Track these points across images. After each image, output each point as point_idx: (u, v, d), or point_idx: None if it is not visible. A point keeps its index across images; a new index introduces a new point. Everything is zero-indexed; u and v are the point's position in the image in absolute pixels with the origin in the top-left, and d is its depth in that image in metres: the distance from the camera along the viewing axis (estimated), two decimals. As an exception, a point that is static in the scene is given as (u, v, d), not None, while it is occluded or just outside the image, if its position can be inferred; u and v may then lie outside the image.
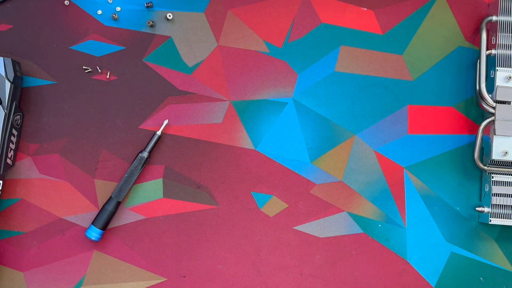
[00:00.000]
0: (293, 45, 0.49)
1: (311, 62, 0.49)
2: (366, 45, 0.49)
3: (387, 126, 0.48)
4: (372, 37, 0.49)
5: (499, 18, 0.47)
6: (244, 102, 0.48)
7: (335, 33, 0.49)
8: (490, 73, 0.47)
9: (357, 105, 0.48)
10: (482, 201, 0.48)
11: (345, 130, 0.48)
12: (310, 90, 0.48)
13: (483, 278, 0.48)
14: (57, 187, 0.48)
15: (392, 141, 0.42)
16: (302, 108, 0.48)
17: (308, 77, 0.48)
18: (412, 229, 0.48)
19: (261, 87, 0.48)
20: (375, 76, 0.49)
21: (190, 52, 0.49)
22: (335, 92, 0.48)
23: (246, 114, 0.48)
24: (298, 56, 0.48)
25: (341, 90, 0.48)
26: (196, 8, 0.49)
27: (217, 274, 0.48)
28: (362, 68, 0.49)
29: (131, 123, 0.48)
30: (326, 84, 0.48)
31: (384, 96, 0.48)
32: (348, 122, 0.48)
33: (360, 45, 0.49)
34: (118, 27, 0.48)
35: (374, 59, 0.49)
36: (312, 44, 0.48)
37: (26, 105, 0.48)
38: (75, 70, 0.48)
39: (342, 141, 0.48)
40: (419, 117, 0.48)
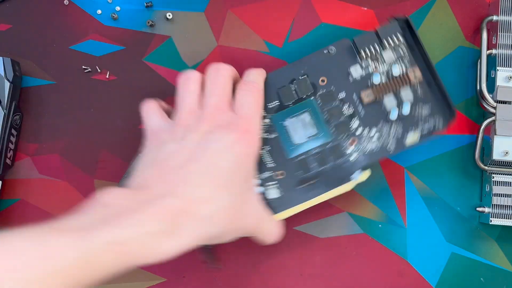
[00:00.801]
0: (293, 45, 0.49)
1: (311, 62, 0.48)
2: (367, 45, 0.48)
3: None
4: (372, 37, 0.49)
5: (500, 18, 0.46)
6: (244, 102, 0.48)
7: (335, 33, 0.49)
8: (490, 73, 0.47)
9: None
10: (483, 201, 0.48)
11: (345, 130, 0.48)
12: (310, 90, 0.48)
13: (483, 278, 0.48)
14: (57, 187, 0.48)
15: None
16: (302, 108, 0.48)
17: (308, 77, 0.48)
18: (412, 229, 0.48)
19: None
20: (375, 76, 0.48)
21: (190, 52, 0.49)
22: (335, 92, 0.48)
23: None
24: (298, 56, 0.48)
25: (341, 90, 0.48)
26: (196, 8, 0.49)
27: (217, 275, 0.47)
28: (362, 68, 0.48)
29: (131, 123, 0.48)
30: (326, 84, 0.48)
31: (384, 96, 0.48)
32: (348, 122, 0.48)
33: (360, 45, 0.48)
34: (118, 27, 0.48)
35: (374, 59, 0.48)
36: (312, 44, 0.48)
37: (26, 105, 0.48)
38: (74, 70, 0.48)
39: (342, 141, 0.48)
40: (420, 117, 0.48)
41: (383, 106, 0.42)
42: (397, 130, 0.42)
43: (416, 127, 0.42)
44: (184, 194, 0.35)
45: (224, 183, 0.36)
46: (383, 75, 0.42)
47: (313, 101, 0.43)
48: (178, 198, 0.34)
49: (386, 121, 0.42)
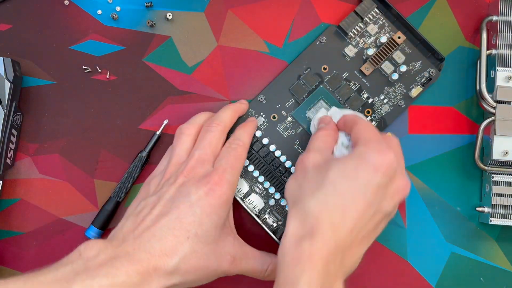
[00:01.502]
0: (293, 45, 0.49)
1: (311, 62, 0.48)
2: (366, 45, 0.49)
3: (387, 126, 0.48)
4: (372, 37, 0.49)
5: (500, 18, 0.46)
6: (244, 102, 0.48)
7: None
8: (490, 73, 0.47)
9: (357, 105, 0.48)
10: (483, 201, 0.48)
11: (345, 130, 0.48)
12: (310, 90, 0.48)
13: (483, 278, 0.48)
14: (57, 187, 0.48)
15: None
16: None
17: (308, 77, 0.48)
18: (412, 229, 0.48)
19: (261, 87, 0.48)
20: (375, 76, 0.48)
21: (190, 52, 0.49)
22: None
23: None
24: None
25: (341, 90, 0.48)
26: (196, 8, 0.49)
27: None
28: (362, 68, 0.48)
29: (131, 123, 0.48)
30: (326, 84, 0.48)
31: (384, 96, 0.48)
32: (348, 122, 0.48)
33: (360, 45, 0.49)
34: (118, 27, 0.48)
35: (374, 59, 0.48)
36: (310, 43, 0.48)
37: (26, 105, 0.48)
38: (75, 70, 0.48)
39: (342, 141, 0.48)
40: (419, 117, 0.48)
41: (382, 72, 0.47)
42: (401, 88, 0.47)
43: (415, 81, 0.47)
44: (152, 249, 0.37)
45: (188, 235, 0.38)
46: (373, 47, 0.48)
47: (323, 88, 0.47)
48: (146, 252, 0.37)
49: (389, 84, 0.47)
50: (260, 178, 0.46)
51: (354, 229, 0.36)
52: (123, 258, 0.37)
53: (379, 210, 0.37)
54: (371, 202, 0.36)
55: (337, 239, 0.35)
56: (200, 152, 0.42)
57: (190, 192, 0.39)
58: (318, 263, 0.35)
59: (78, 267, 0.36)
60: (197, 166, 0.41)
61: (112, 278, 0.35)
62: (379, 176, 0.36)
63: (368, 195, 0.36)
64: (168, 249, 0.38)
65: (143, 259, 0.37)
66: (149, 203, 0.40)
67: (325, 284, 0.35)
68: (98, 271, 0.35)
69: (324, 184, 0.37)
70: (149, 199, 0.41)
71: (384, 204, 0.37)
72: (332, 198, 0.36)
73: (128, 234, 0.39)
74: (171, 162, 0.42)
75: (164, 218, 0.39)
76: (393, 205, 0.38)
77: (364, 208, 0.36)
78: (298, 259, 0.35)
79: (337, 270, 0.36)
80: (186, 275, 0.38)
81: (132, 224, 0.39)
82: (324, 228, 0.35)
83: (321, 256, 0.35)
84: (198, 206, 0.39)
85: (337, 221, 0.36)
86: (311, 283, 0.34)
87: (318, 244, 0.35)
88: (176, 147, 0.43)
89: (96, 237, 0.46)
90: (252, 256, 0.42)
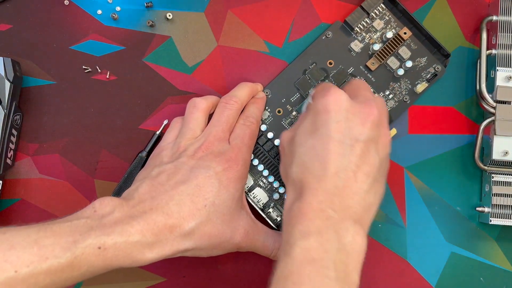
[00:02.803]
0: (293, 45, 0.49)
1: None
2: (366, 45, 0.49)
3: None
4: (372, 37, 0.49)
5: (500, 18, 0.46)
6: (244, 102, 0.48)
7: (335, 33, 0.49)
8: (490, 73, 0.47)
9: (357, 105, 0.48)
10: (483, 201, 0.48)
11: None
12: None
13: (483, 278, 0.48)
14: (57, 187, 0.48)
15: (392, 141, 0.42)
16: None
17: (308, 77, 0.48)
18: (412, 229, 0.48)
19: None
20: (375, 76, 0.48)
21: (190, 52, 0.49)
22: (335, 92, 0.48)
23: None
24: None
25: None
26: (196, 8, 0.49)
27: (217, 274, 0.48)
28: (362, 68, 0.48)
29: (131, 123, 0.48)
30: (326, 84, 0.48)
31: (384, 96, 0.48)
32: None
33: (360, 45, 0.49)
34: (118, 27, 0.48)
35: (374, 59, 0.48)
36: (316, 38, 0.48)
37: (26, 105, 0.48)
38: (75, 70, 0.48)
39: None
40: (419, 117, 0.48)
41: (388, 67, 0.47)
42: (407, 84, 0.47)
43: (421, 77, 0.47)
44: (170, 211, 0.38)
45: (206, 202, 0.39)
46: (379, 42, 0.48)
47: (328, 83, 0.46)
48: (164, 214, 0.38)
49: (395, 80, 0.47)
50: (265, 172, 0.46)
51: (339, 171, 0.36)
52: (139, 217, 0.37)
53: (354, 139, 0.37)
54: (339, 138, 0.37)
55: (325, 187, 0.36)
56: (218, 129, 0.43)
57: (209, 165, 0.40)
58: (309, 214, 0.35)
59: (92, 222, 0.36)
60: (215, 143, 0.42)
61: (127, 237, 0.36)
62: (332, 114, 0.37)
63: (333, 134, 0.37)
64: (186, 212, 0.38)
65: (159, 220, 0.37)
66: (166, 169, 0.41)
67: (328, 227, 0.35)
68: (113, 228, 0.36)
69: (295, 150, 0.39)
70: (165, 166, 0.41)
71: (354, 132, 0.37)
72: (305, 156, 0.37)
73: (145, 195, 0.39)
74: (185, 136, 0.43)
75: (183, 185, 0.39)
76: (367, 128, 0.37)
77: (336, 147, 0.37)
78: (289, 219, 0.36)
79: (342, 212, 0.36)
80: (199, 241, 0.39)
81: (149, 187, 0.40)
82: (308, 184, 0.36)
83: (311, 208, 0.35)
84: (216, 179, 0.40)
85: (318, 173, 0.36)
86: (307, 231, 0.35)
87: (306, 199, 0.36)
88: (189, 122, 0.44)
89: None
90: (264, 232, 0.43)
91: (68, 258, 0.34)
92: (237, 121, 0.44)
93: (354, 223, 0.36)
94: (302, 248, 0.34)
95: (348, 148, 0.37)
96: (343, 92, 0.39)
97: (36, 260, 0.33)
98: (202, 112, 0.44)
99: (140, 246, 0.37)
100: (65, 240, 0.35)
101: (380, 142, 0.39)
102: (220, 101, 0.45)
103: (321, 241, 0.34)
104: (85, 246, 0.35)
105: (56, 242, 0.34)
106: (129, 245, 0.36)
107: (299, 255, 0.34)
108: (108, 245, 0.35)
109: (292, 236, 0.35)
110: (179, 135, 0.44)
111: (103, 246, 0.35)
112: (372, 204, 0.38)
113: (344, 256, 0.35)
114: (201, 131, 0.43)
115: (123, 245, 0.36)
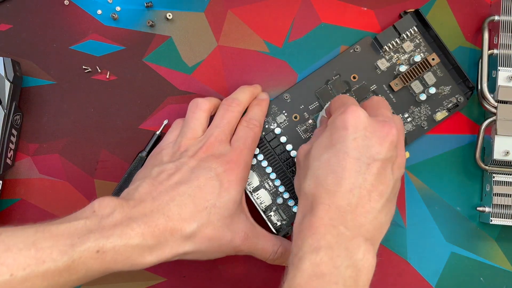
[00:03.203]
0: (293, 45, 0.48)
1: (311, 62, 0.48)
2: (367, 44, 0.48)
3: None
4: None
5: (502, 18, 0.46)
6: (244, 102, 0.48)
7: (335, 33, 0.48)
8: (491, 73, 0.47)
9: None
10: (483, 201, 0.48)
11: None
12: (310, 90, 0.48)
13: (483, 278, 0.48)
14: (57, 187, 0.48)
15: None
16: (302, 108, 0.48)
17: (308, 77, 0.48)
18: (412, 229, 0.48)
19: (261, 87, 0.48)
20: (375, 76, 0.48)
21: (190, 52, 0.48)
22: (335, 92, 0.48)
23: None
24: (298, 56, 0.48)
25: (341, 90, 0.48)
26: (196, 8, 0.49)
27: (217, 274, 0.48)
28: (363, 68, 0.48)
29: (131, 123, 0.48)
30: (326, 84, 0.48)
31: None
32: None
33: (360, 44, 0.48)
34: (118, 27, 0.48)
35: (374, 59, 0.48)
36: (312, 44, 0.48)
37: (26, 105, 0.48)
38: (75, 70, 0.48)
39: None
40: (420, 118, 0.48)
41: (411, 90, 0.47)
42: (427, 110, 0.47)
43: (442, 105, 0.47)
44: (170, 213, 0.38)
45: (207, 204, 0.39)
46: (406, 64, 0.47)
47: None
48: (164, 216, 0.37)
49: (416, 104, 0.47)
50: (272, 175, 0.46)
51: (353, 188, 0.36)
52: (140, 219, 0.36)
53: (371, 158, 0.37)
54: (356, 156, 0.37)
55: (338, 203, 0.36)
56: (219, 130, 0.42)
57: (211, 167, 0.40)
58: (321, 229, 0.35)
59: (91, 224, 0.35)
60: (216, 144, 0.42)
61: (126, 240, 0.35)
62: (350, 131, 0.37)
63: (350, 151, 0.37)
64: (187, 214, 0.38)
65: (160, 222, 0.37)
66: (166, 169, 0.40)
67: (339, 243, 0.35)
68: (113, 231, 0.35)
69: (310, 164, 0.38)
70: (166, 166, 0.41)
71: (372, 151, 0.37)
72: (320, 171, 0.37)
73: (146, 195, 0.38)
74: (186, 136, 0.43)
75: (184, 186, 0.39)
76: (385, 148, 0.37)
77: (352, 164, 0.36)
78: (299, 232, 0.36)
79: (354, 230, 0.35)
80: (199, 244, 0.39)
81: (149, 186, 0.39)
82: (321, 199, 0.36)
83: (323, 223, 0.35)
84: (218, 180, 0.40)
85: (332, 188, 0.36)
86: (317, 246, 0.34)
87: (318, 214, 0.35)
88: (190, 122, 0.43)
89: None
90: (263, 236, 0.43)
91: (65, 261, 0.34)
92: (240, 123, 0.44)
93: (366, 241, 0.35)
94: (312, 262, 0.34)
95: (364, 166, 0.36)
96: (363, 110, 0.38)
97: (33, 263, 0.33)
98: (204, 112, 0.44)
99: (140, 249, 0.36)
100: (63, 242, 0.34)
101: (396, 163, 0.39)
102: (222, 103, 0.44)
103: (331, 256, 0.34)
104: (83, 250, 0.34)
105: (54, 244, 0.34)
106: (128, 248, 0.35)
107: (308, 268, 0.34)
108: (107, 248, 0.35)
109: (302, 250, 0.35)
110: (180, 134, 0.43)
111: (101, 250, 0.34)
112: (384, 223, 0.38)
113: (354, 273, 0.34)
114: (203, 132, 0.43)
115: (123, 249, 0.35)
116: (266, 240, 0.43)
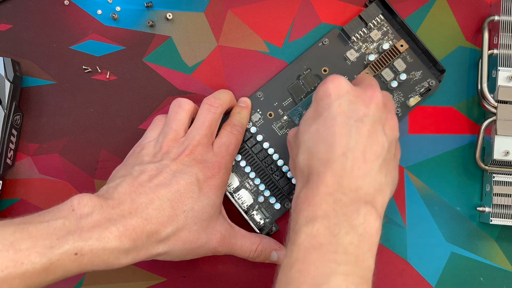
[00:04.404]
0: (293, 45, 0.48)
1: (311, 62, 0.48)
2: (367, 44, 0.48)
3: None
4: (372, 36, 0.49)
5: (502, 18, 0.46)
6: (244, 102, 0.48)
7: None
8: (491, 73, 0.47)
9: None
10: (483, 201, 0.48)
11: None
12: (310, 90, 0.48)
13: (483, 278, 0.48)
14: (57, 187, 0.48)
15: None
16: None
17: (308, 77, 0.48)
18: (412, 229, 0.48)
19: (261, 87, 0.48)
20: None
21: (190, 52, 0.48)
22: (335, 92, 0.48)
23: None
24: (298, 56, 0.48)
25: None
26: (196, 8, 0.49)
27: (217, 274, 0.48)
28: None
29: (131, 123, 0.48)
30: (326, 84, 0.48)
31: (384, 96, 0.48)
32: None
33: (360, 44, 0.48)
34: (118, 27, 0.48)
35: (374, 59, 0.48)
36: (312, 44, 0.48)
37: (26, 105, 0.48)
38: (75, 70, 0.48)
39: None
40: (419, 117, 0.48)
41: (382, 79, 0.47)
42: (400, 96, 0.47)
43: (414, 90, 0.47)
44: (148, 216, 0.38)
45: (185, 208, 0.39)
46: (375, 53, 0.47)
47: None
48: (142, 219, 0.37)
49: (388, 91, 0.46)
50: (252, 174, 0.46)
51: (346, 151, 0.36)
52: (118, 222, 0.36)
53: (359, 120, 0.37)
54: (344, 120, 0.36)
55: (332, 169, 0.35)
56: (202, 133, 0.42)
57: (192, 171, 0.40)
58: (316, 199, 0.35)
59: (70, 225, 0.35)
60: (199, 148, 0.41)
61: (104, 243, 0.35)
62: (333, 97, 0.37)
63: (337, 117, 0.37)
64: (164, 218, 0.38)
65: (138, 225, 0.37)
66: (147, 170, 0.40)
67: (335, 210, 0.34)
68: (91, 233, 0.35)
69: (301, 140, 0.38)
70: (147, 166, 0.40)
71: (359, 113, 0.37)
72: (310, 142, 0.37)
73: (125, 195, 0.38)
74: (168, 137, 0.42)
75: (164, 189, 0.39)
76: (371, 109, 0.37)
77: (341, 129, 0.36)
78: (295, 207, 0.36)
79: (352, 194, 0.35)
80: (173, 246, 0.39)
81: (129, 187, 0.39)
82: (315, 169, 0.36)
83: (318, 192, 0.35)
84: (197, 186, 0.40)
85: (325, 156, 0.36)
86: (312, 217, 0.34)
87: (313, 184, 0.35)
88: (172, 122, 0.43)
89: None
90: (241, 236, 0.43)
91: (44, 263, 0.33)
92: (224, 127, 0.44)
93: (366, 204, 0.35)
94: (308, 234, 0.33)
95: (354, 129, 0.36)
96: (343, 77, 0.38)
97: (11, 266, 0.33)
98: (186, 113, 0.43)
99: (117, 252, 0.36)
100: (41, 244, 0.34)
101: (387, 124, 0.38)
102: (204, 102, 0.44)
103: (328, 225, 0.33)
104: (61, 252, 0.34)
105: (33, 246, 0.33)
106: (106, 251, 0.36)
107: (304, 241, 0.33)
108: (85, 251, 0.35)
109: (297, 223, 0.34)
110: (161, 134, 0.43)
111: (80, 252, 0.35)
112: (384, 184, 0.37)
113: (355, 238, 0.33)
114: (184, 132, 0.43)
115: (100, 252, 0.35)
116: (244, 240, 0.43)
